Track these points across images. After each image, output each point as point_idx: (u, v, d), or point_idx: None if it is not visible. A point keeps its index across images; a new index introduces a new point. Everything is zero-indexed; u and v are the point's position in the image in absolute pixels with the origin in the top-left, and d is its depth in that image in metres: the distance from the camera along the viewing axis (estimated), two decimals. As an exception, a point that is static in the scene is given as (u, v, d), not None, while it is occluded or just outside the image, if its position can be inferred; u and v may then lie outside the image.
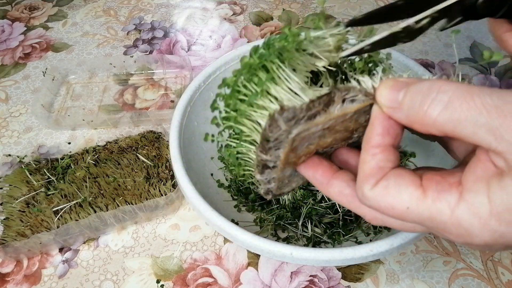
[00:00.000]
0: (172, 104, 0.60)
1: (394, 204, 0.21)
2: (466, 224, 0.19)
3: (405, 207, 0.20)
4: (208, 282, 0.42)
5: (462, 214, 0.19)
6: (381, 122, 0.22)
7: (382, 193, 0.21)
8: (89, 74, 0.65)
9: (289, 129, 0.22)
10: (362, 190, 0.22)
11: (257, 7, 0.77)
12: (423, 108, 0.20)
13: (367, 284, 0.42)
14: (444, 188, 0.20)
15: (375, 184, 0.21)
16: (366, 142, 0.23)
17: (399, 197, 0.20)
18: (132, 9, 0.79)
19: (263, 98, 0.22)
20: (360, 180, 0.22)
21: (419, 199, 0.20)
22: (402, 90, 0.21)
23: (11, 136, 0.57)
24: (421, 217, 0.20)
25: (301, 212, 0.42)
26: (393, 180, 0.21)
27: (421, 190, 0.20)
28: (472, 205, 0.18)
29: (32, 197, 0.46)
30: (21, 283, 0.43)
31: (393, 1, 0.24)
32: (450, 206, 0.19)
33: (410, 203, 0.20)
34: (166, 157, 0.50)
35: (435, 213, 0.19)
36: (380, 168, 0.22)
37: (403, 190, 0.20)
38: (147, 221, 0.47)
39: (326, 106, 0.22)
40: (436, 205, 0.19)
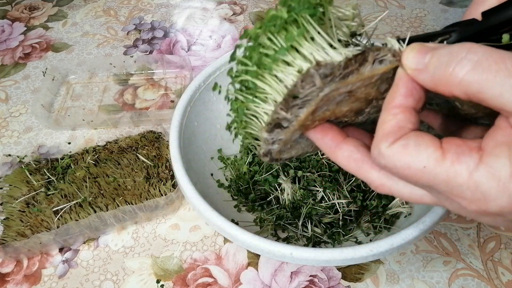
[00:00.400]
0: (172, 104, 0.60)
1: (411, 162, 0.20)
2: (484, 187, 0.18)
3: (421, 166, 0.20)
4: (208, 282, 0.42)
5: (481, 177, 0.18)
6: (405, 83, 0.22)
7: (400, 151, 0.21)
8: (89, 74, 0.65)
9: (323, 86, 0.21)
10: (379, 148, 0.21)
11: (257, 7, 0.77)
12: (450, 67, 0.19)
13: (367, 284, 0.42)
14: (464, 151, 0.19)
15: (393, 142, 0.21)
16: (388, 102, 0.22)
17: (417, 156, 0.20)
18: (132, 9, 0.79)
19: (293, 54, 0.22)
20: (378, 138, 0.22)
21: (438, 159, 0.20)
22: (429, 53, 0.21)
23: (11, 136, 0.57)
24: (436, 178, 0.20)
25: (301, 212, 0.42)
26: (413, 139, 0.21)
27: (441, 152, 0.20)
28: (492, 167, 0.18)
29: (32, 197, 0.46)
30: (21, 283, 0.43)
31: None
32: (469, 169, 0.19)
33: (428, 162, 0.20)
34: (166, 157, 0.50)
35: (452, 175, 0.19)
36: (400, 128, 0.21)
37: (423, 150, 0.20)
38: (147, 221, 0.47)
39: (359, 65, 0.22)
40: (455, 167, 0.19)
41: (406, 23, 0.71)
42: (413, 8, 0.74)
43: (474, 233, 0.45)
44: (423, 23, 0.71)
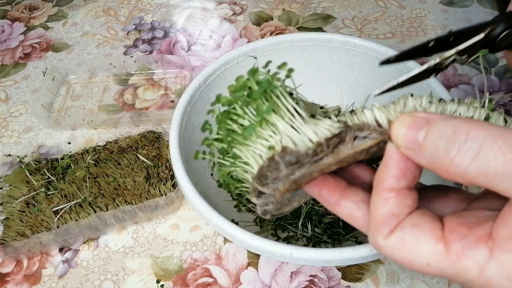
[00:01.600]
0: (172, 104, 0.60)
1: (412, 259, 0.19)
2: (497, 287, 0.17)
3: (425, 263, 0.18)
4: (208, 282, 0.42)
5: (493, 275, 0.17)
6: (397, 164, 0.20)
7: (397, 245, 0.19)
8: (89, 74, 0.65)
9: (291, 172, 0.20)
10: (375, 239, 0.20)
11: (257, 7, 0.77)
12: (449, 156, 0.17)
13: (367, 284, 0.42)
14: (470, 244, 0.18)
15: (389, 233, 0.19)
16: (378, 184, 0.20)
17: (418, 252, 0.19)
18: (132, 9, 0.79)
19: (263, 129, 0.20)
20: (373, 229, 0.20)
21: (441, 255, 0.18)
22: (421, 129, 0.19)
23: (11, 136, 0.57)
24: (444, 273, 0.18)
25: (301, 212, 0.42)
26: (409, 231, 0.19)
27: (443, 244, 0.18)
28: (505, 266, 0.16)
29: (32, 197, 0.46)
30: (21, 283, 0.43)
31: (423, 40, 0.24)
32: (479, 265, 0.17)
33: (431, 259, 0.18)
34: (166, 157, 0.50)
35: (460, 271, 0.18)
36: (394, 215, 0.19)
37: (422, 244, 0.18)
38: (147, 221, 0.47)
39: (335, 147, 0.20)
40: (462, 263, 0.17)
41: (406, 23, 0.71)
42: (413, 8, 0.74)
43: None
44: (423, 23, 0.71)
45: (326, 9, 0.75)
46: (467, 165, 0.17)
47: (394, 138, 0.20)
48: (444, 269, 0.18)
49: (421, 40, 0.67)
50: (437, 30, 0.69)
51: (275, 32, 0.71)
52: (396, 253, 0.19)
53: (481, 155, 0.16)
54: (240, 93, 0.21)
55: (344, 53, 0.48)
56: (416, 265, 0.19)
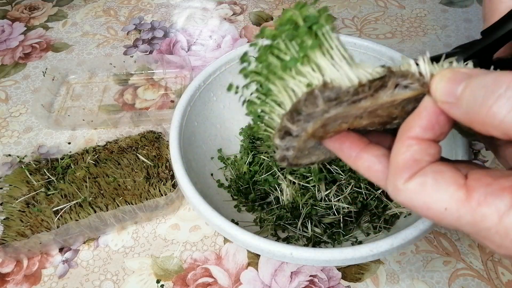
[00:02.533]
0: (172, 104, 0.60)
1: (431, 203, 0.18)
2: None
3: (442, 208, 0.18)
4: (208, 282, 0.42)
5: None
6: (429, 115, 0.19)
7: (417, 189, 0.19)
8: (89, 74, 0.65)
9: (327, 109, 0.20)
10: (395, 183, 0.19)
11: (257, 7, 0.77)
12: (487, 105, 0.17)
13: (367, 284, 0.42)
14: (494, 192, 0.17)
15: (409, 178, 0.19)
16: (404, 131, 0.20)
17: (437, 196, 0.18)
18: (132, 9, 0.79)
19: (306, 64, 0.20)
20: (392, 172, 0.19)
21: (461, 200, 0.18)
22: (462, 82, 0.18)
23: (11, 136, 0.57)
24: (460, 220, 0.18)
25: (301, 212, 0.42)
26: (431, 176, 0.18)
27: (465, 191, 0.18)
28: None
29: (32, 197, 0.46)
30: (21, 283, 0.43)
31: None
32: (499, 212, 0.17)
33: (450, 204, 0.18)
34: (166, 157, 0.50)
35: (479, 218, 0.17)
36: (416, 161, 0.19)
37: (443, 189, 0.18)
38: (147, 221, 0.47)
39: (376, 91, 0.20)
40: (482, 209, 0.17)
41: (406, 23, 0.71)
42: (413, 8, 0.74)
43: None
44: (423, 23, 0.71)
45: (326, 9, 0.75)
46: (504, 114, 0.16)
47: (433, 91, 0.19)
48: (461, 216, 0.18)
49: (421, 41, 0.67)
50: (437, 30, 0.69)
51: (275, 32, 0.71)
52: (414, 198, 0.19)
53: None
54: (286, 27, 0.20)
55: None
56: (434, 210, 0.18)
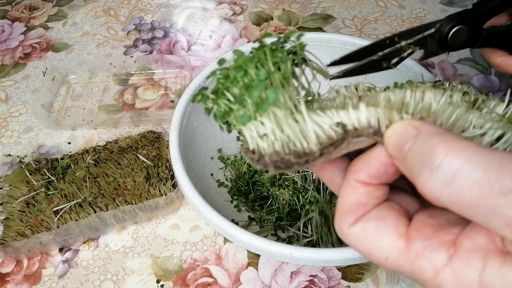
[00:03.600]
0: (172, 104, 0.60)
1: (372, 251, 0.19)
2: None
3: (384, 257, 0.18)
4: (208, 282, 0.42)
5: (446, 281, 0.17)
6: (378, 165, 0.19)
7: (360, 235, 0.19)
8: (89, 74, 0.65)
9: (277, 170, 0.20)
10: (341, 227, 0.20)
11: (257, 7, 0.77)
12: (421, 179, 0.17)
13: (367, 284, 0.42)
14: (432, 245, 0.17)
15: (354, 222, 0.19)
16: (351, 173, 0.20)
17: (378, 244, 0.18)
18: (132, 9, 0.79)
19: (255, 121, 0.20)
20: (338, 215, 0.20)
21: (400, 251, 0.18)
22: (408, 141, 0.18)
23: (11, 136, 0.57)
24: (400, 269, 0.18)
25: (300, 213, 0.42)
26: (373, 223, 0.19)
27: (404, 241, 0.18)
28: (459, 277, 0.16)
29: (32, 197, 0.46)
30: (21, 283, 0.43)
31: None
32: (435, 268, 0.17)
33: (390, 253, 0.18)
34: (166, 157, 0.50)
35: (417, 269, 0.18)
36: (361, 205, 0.19)
37: (384, 238, 0.18)
38: (147, 221, 0.47)
39: (328, 152, 0.19)
40: (420, 262, 0.17)
41: (406, 23, 0.71)
42: (413, 8, 0.74)
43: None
44: (423, 23, 0.71)
45: (326, 9, 0.75)
46: (439, 194, 0.16)
47: (385, 144, 0.19)
48: (401, 266, 0.18)
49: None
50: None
51: (275, 32, 0.71)
52: (358, 243, 0.19)
53: (455, 186, 0.15)
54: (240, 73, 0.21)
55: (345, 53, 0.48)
56: (376, 257, 0.19)
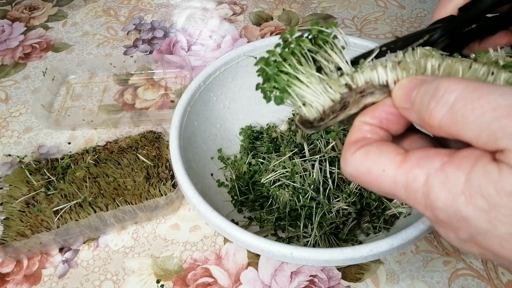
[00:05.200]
0: (172, 104, 0.60)
1: (372, 167, 0.20)
2: (433, 195, 0.17)
3: (381, 169, 0.19)
4: (208, 282, 0.42)
5: (434, 184, 0.17)
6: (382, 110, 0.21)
7: (362, 157, 0.20)
8: (89, 74, 0.65)
9: (310, 130, 0.24)
10: (345, 155, 0.21)
11: (257, 7, 0.77)
12: (429, 109, 0.18)
13: (367, 284, 0.42)
14: (428, 155, 0.18)
15: (357, 149, 0.21)
16: (363, 115, 0.22)
17: (378, 160, 0.20)
18: (132, 9, 0.79)
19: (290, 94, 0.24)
20: (344, 148, 0.22)
21: (397, 163, 0.19)
22: (415, 89, 0.20)
23: (11, 136, 0.57)
24: (396, 184, 0.19)
25: (300, 214, 0.42)
26: (375, 145, 0.20)
27: (402, 157, 0.19)
28: (448, 177, 0.17)
29: (32, 197, 0.46)
30: (21, 283, 0.43)
31: None
32: (428, 173, 0.18)
33: (387, 166, 0.19)
34: (166, 157, 0.50)
35: (410, 179, 0.18)
36: (364, 138, 0.21)
37: (383, 155, 0.20)
38: (147, 221, 0.47)
39: (343, 108, 0.23)
40: (414, 171, 0.18)
41: (406, 23, 0.71)
42: (413, 8, 0.74)
43: (474, 233, 0.45)
44: (423, 23, 0.71)
45: (326, 9, 0.75)
46: (442, 116, 0.18)
47: (393, 98, 0.21)
48: (396, 178, 0.19)
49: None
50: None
51: (275, 32, 0.71)
52: (359, 165, 0.20)
53: (454, 107, 0.17)
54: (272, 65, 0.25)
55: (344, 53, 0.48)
56: (374, 173, 0.20)
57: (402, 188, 0.19)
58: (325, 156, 0.43)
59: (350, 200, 0.41)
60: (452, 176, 0.17)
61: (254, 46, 0.48)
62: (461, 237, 0.18)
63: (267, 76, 0.25)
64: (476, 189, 0.16)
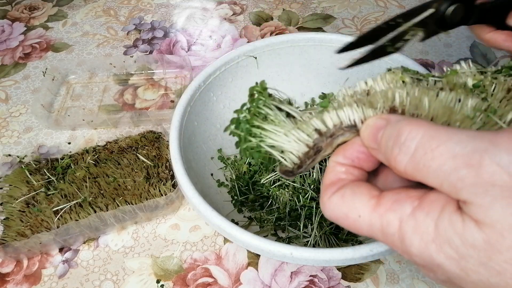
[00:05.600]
0: (172, 104, 0.60)
1: (348, 212, 0.20)
2: (407, 241, 0.18)
3: (357, 215, 0.20)
4: (208, 282, 0.42)
5: (406, 231, 0.18)
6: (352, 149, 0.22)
7: (338, 202, 0.21)
8: (89, 74, 0.65)
9: (292, 177, 0.25)
10: (322, 199, 0.22)
11: (257, 7, 0.77)
12: (393, 156, 0.19)
13: (367, 284, 0.42)
14: (400, 199, 0.19)
15: (333, 193, 0.21)
16: (336, 154, 0.23)
17: (353, 205, 0.20)
18: (132, 9, 0.79)
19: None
20: (321, 192, 0.22)
21: (372, 207, 0.19)
22: (381, 130, 0.20)
23: (11, 136, 0.57)
24: (372, 227, 0.19)
25: (300, 213, 0.42)
26: (349, 188, 0.21)
27: (376, 200, 0.19)
28: (418, 224, 0.17)
29: (32, 197, 0.46)
30: (21, 283, 0.43)
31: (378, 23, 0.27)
32: (401, 218, 0.18)
33: (363, 211, 0.19)
34: (166, 157, 0.50)
35: (385, 223, 0.19)
36: (340, 179, 0.22)
37: (357, 198, 0.20)
38: (147, 221, 0.47)
39: (318, 152, 0.24)
40: (388, 215, 0.19)
41: (406, 23, 0.71)
42: (413, 8, 0.74)
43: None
44: (423, 23, 0.71)
45: (326, 9, 0.75)
46: (405, 164, 0.18)
47: (362, 139, 0.22)
48: (372, 222, 0.19)
49: (421, 40, 0.67)
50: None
51: (275, 32, 0.71)
52: (336, 209, 0.21)
53: (415, 155, 0.18)
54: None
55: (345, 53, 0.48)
56: (351, 218, 0.20)
57: (379, 232, 0.19)
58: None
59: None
60: (422, 223, 0.17)
61: (254, 46, 0.48)
62: (440, 278, 0.18)
63: (240, 138, 0.26)
64: (444, 238, 0.17)
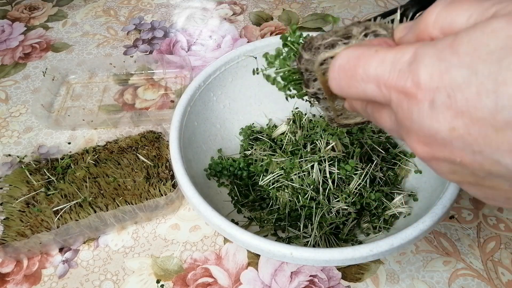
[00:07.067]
0: (172, 104, 0.60)
1: (365, 50, 0.22)
2: (419, 58, 0.19)
3: (374, 50, 0.20)
4: (208, 282, 0.42)
5: (421, 52, 0.18)
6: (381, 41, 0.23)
7: (354, 46, 0.22)
8: (89, 74, 0.65)
9: (311, 58, 0.25)
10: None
11: (257, 7, 0.77)
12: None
13: (367, 284, 0.42)
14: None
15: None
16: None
17: (371, 45, 0.22)
18: (132, 9, 0.79)
19: None
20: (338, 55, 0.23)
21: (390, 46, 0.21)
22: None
23: (11, 136, 0.57)
24: (384, 61, 0.20)
25: (300, 214, 0.42)
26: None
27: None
28: (435, 43, 0.18)
29: (32, 197, 0.46)
30: (21, 283, 0.43)
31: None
32: (416, 47, 0.19)
33: (380, 48, 0.21)
34: (166, 157, 0.50)
35: (399, 54, 0.19)
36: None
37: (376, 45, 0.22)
38: (147, 221, 0.47)
39: (345, 38, 0.24)
40: (403, 48, 0.19)
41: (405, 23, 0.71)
42: (413, 8, 0.74)
43: (474, 233, 0.45)
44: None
45: (326, 9, 0.75)
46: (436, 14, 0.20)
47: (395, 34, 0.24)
48: (386, 56, 0.20)
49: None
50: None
51: (275, 32, 0.71)
52: (351, 51, 0.22)
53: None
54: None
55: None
56: (365, 55, 0.21)
57: (388, 65, 0.19)
58: (325, 157, 0.43)
59: (350, 200, 0.41)
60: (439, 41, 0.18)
61: (254, 46, 0.48)
62: (447, 119, 0.17)
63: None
64: None
